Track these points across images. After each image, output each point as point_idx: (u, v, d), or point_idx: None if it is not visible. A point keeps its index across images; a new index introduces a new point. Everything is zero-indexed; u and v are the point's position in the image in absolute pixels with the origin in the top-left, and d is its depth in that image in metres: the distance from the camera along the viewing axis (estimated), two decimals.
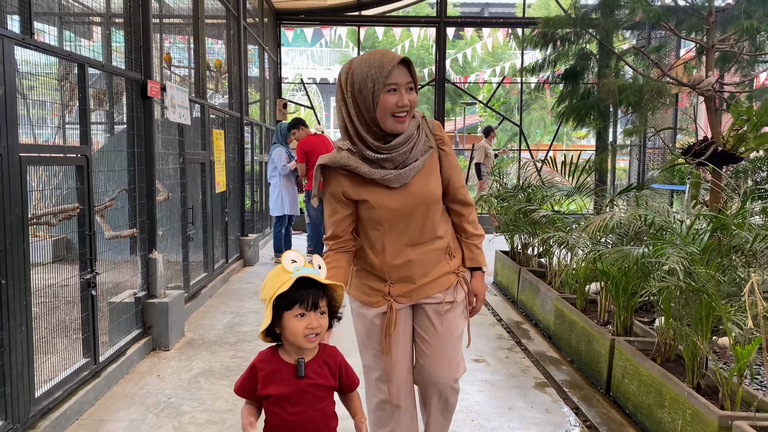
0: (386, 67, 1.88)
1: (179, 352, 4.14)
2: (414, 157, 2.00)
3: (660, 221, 3.28)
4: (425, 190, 2.03)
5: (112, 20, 5.58)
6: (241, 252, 7.37)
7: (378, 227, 2.04)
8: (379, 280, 2.12)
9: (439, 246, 2.13)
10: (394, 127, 1.94)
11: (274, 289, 1.63)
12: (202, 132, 5.69)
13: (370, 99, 1.91)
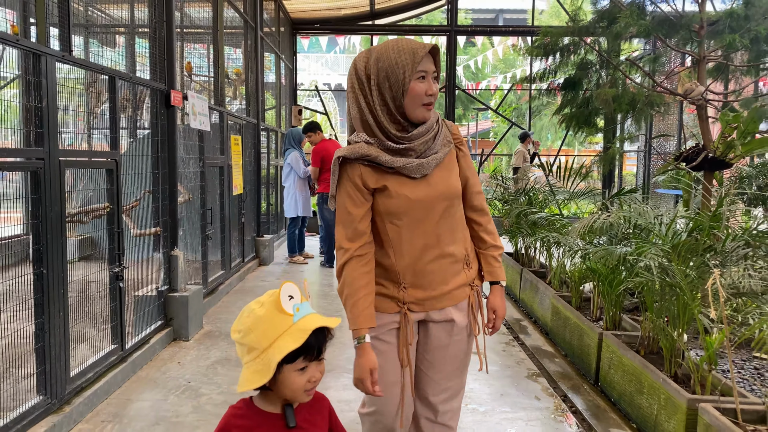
0: (419, 54, 1.81)
1: (198, 343, 4.45)
2: (435, 149, 1.91)
3: (642, 222, 3.53)
4: (446, 183, 1.92)
5: (136, 30, 5.95)
6: (256, 252, 7.70)
7: (396, 221, 1.88)
8: (391, 283, 1.94)
9: (458, 252, 1.97)
10: (423, 115, 1.86)
11: (269, 337, 1.32)
12: (221, 137, 6.03)
13: (399, 86, 1.82)
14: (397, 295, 1.93)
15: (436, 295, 1.94)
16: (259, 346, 1.31)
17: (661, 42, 4.86)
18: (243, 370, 1.33)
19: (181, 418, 3.17)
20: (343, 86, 20.05)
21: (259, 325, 1.33)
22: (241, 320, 1.37)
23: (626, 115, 5.38)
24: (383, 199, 1.88)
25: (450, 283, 1.95)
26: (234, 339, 1.38)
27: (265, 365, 1.30)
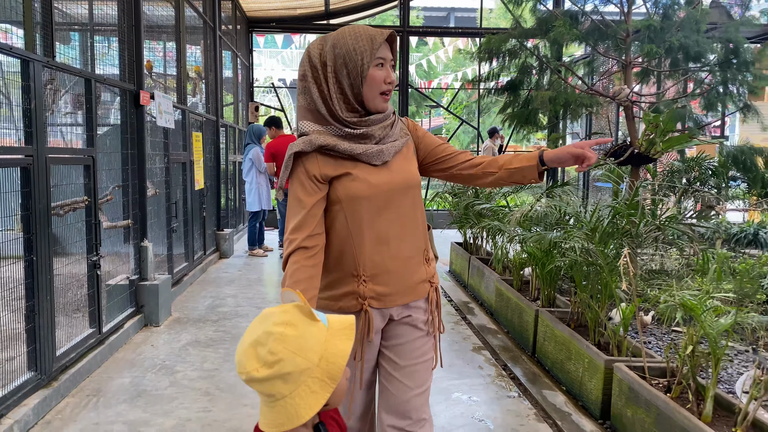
0: (377, 40, 1.76)
1: (168, 328, 4.74)
2: (393, 136, 1.87)
3: (570, 211, 4.02)
4: (406, 170, 1.88)
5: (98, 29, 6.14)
6: (217, 245, 7.96)
7: (357, 207, 1.79)
8: (349, 277, 1.83)
9: (418, 246, 1.91)
10: (381, 105, 1.82)
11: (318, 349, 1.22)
12: (183, 135, 6.28)
13: (357, 73, 1.75)
14: (357, 290, 1.82)
15: (398, 290, 1.86)
16: (309, 365, 1.19)
17: (591, 48, 5.37)
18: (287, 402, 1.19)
19: (160, 392, 3.49)
20: None
21: (303, 345, 1.20)
22: (274, 353, 1.18)
23: (564, 115, 5.90)
24: (345, 183, 1.79)
25: (411, 278, 1.88)
26: (262, 377, 1.18)
27: (324, 380, 1.19)
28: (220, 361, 3.99)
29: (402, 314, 1.90)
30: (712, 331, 2.62)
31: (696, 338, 2.73)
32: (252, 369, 1.18)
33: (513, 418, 3.22)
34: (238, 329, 4.72)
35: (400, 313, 1.89)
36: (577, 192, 10.19)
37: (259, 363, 1.18)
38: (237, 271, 7.16)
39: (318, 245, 1.78)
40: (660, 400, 2.73)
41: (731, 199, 9.61)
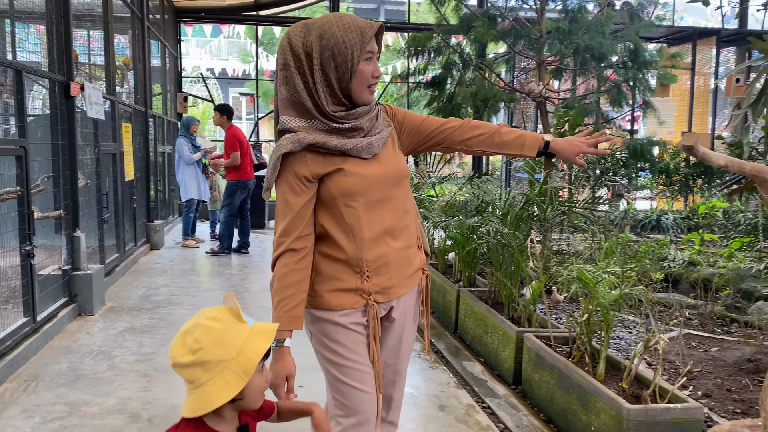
0: (368, 33, 1.70)
1: (103, 316, 4.80)
2: (379, 127, 1.83)
3: (487, 199, 4.37)
4: (395, 161, 1.85)
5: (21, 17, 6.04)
6: (147, 236, 7.95)
7: (352, 203, 1.76)
8: (352, 274, 1.79)
9: (413, 235, 1.91)
10: (369, 98, 1.77)
11: (236, 346, 1.30)
12: (113, 126, 6.28)
13: (347, 67, 1.69)
14: (361, 286, 1.79)
15: (399, 281, 1.84)
16: (228, 357, 1.28)
17: (509, 47, 5.76)
18: (203, 389, 1.27)
19: (99, 375, 3.60)
20: (227, 73, 20.04)
21: (224, 338, 1.29)
22: (198, 341, 1.28)
23: (485, 110, 6.28)
24: (337, 180, 1.75)
25: (410, 267, 1.88)
26: (185, 362, 1.28)
27: (238, 372, 1.28)
28: (156, 345, 4.13)
29: (399, 306, 1.88)
30: (604, 301, 3.01)
31: (591, 308, 3.12)
32: (178, 355, 1.29)
33: (435, 386, 3.54)
34: (173, 316, 4.85)
35: (398, 304, 1.87)
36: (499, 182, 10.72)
37: (185, 350, 1.29)
38: (169, 262, 7.20)
39: (307, 247, 1.76)
40: (561, 363, 3.10)
41: (640, 188, 10.38)
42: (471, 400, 3.39)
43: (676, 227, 7.92)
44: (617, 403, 2.58)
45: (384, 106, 1.95)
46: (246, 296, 5.58)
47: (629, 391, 2.79)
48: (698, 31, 11.39)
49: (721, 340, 4.51)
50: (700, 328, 4.83)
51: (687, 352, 4.27)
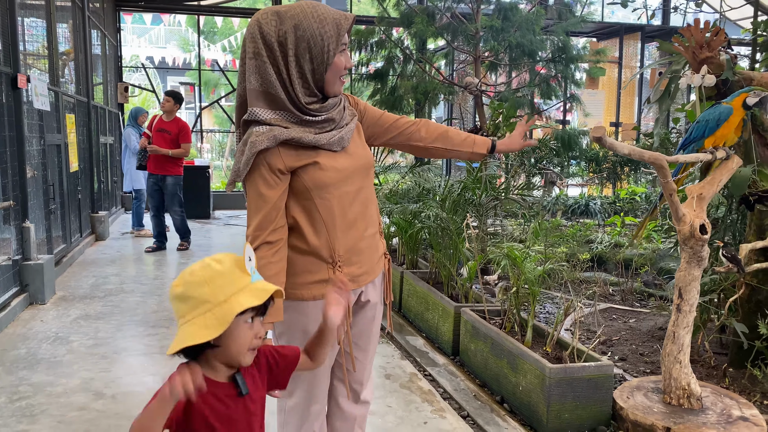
0: (343, 26, 1.72)
1: (55, 305, 4.89)
2: (346, 119, 1.86)
3: (428, 186, 4.69)
4: (363, 152, 1.89)
5: None
6: (93, 228, 7.94)
7: (326, 195, 1.78)
8: (323, 265, 1.83)
9: (376, 221, 1.96)
10: (339, 90, 1.81)
11: (226, 292, 1.26)
12: (57, 117, 6.28)
13: (322, 59, 1.70)
14: (333, 277, 1.81)
15: (369, 268, 1.92)
16: (213, 300, 1.25)
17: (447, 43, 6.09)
18: (184, 327, 1.26)
19: (59, 358, 3.74)
20: (167, 61, 19.72)
21: (216, 279, 1.27)
22: (192, 274, 1.28)
23: (425, 102, 6.60)
24: (311, 173, 1.76)
25: (377, 253, 1.96)
26: (176, 293, 1.28)
27: (219, 319, 1.24)
28: (113, 330, 4.27)
29: (369, 291, 1.95)
30: (530, 276, 3.37)
31: (519, 282, 3.48)
32: (174, 284, 1.30)
33: (381, 359, 3.84)
34: (126, 303, 4.98)
35: (368, 289, 1.94)
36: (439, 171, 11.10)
37: (180, 280, 1.29)
38: (116, 252, 7.24)
39: (282, 239, 1.76)
40: (494, 332, 3.45)
41: (571, 176, 10.97)
42: (414, 369, 3.71)
43: (603, 212, 8.48)
44: (541, 363, 2.94)
45: (346, 96, 1.96)
46: None
47: (552, 354, 3.16)
48: (625, 26, 12.07)
49: (639, 313, 4.99)
50: (621, 302, 5.31)
51: (608, 324, 4.72)
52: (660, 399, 3.00)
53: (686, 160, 2.78)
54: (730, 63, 3.54)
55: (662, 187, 2.74)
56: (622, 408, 2.94)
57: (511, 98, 5.77)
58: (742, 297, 3.62)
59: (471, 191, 4.57)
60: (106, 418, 2.98)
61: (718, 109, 2.94)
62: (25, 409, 3.04)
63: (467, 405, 3.19)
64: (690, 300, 2.91)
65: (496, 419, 3.05)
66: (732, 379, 3.53)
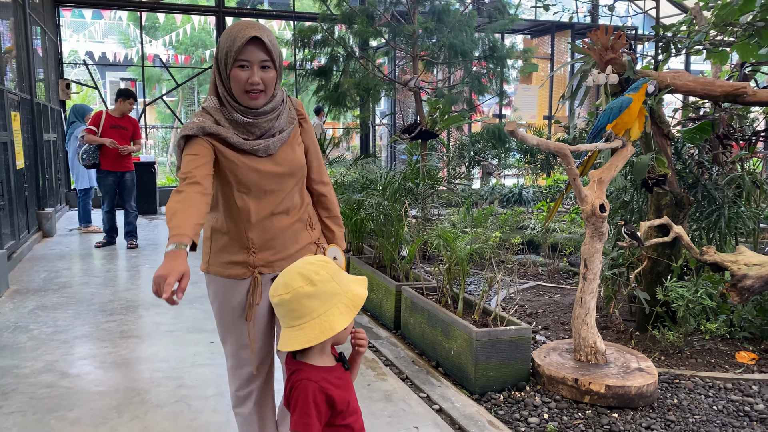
0: (237, 43, 1.85)
1: (10, 298, 5.03)
2: (279, 127, 2.00)
3: (371, 177, 5.06)
4: (291, 160, 2.02)
5: None
6: (39, 224, 7.97)
7: (244, 190, 1.97)
8: (240, 249, 2.02)
9: (301, 216, 2.10)
10: (248, 103, 1.91)
11: (345, 282, 1.49)
12: (2, 114, 6.34)
13: (224, 70, 1.90)
14: (247, 260, 2.01)
15: (285, 256, 2.05)
16: (341, 291, 1.45)
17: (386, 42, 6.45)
18: (321, 320, 1.43)
19: (21, 345, 3.93)
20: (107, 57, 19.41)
21: (337, 274, 1.47)
22: (316, 272, 1.45)
23: (367, 98, 6.96)
24: (231, 169, 1.95)
25: (296, 243, 2.08)
26: (305, 293, 1.44)
27: (349, 305, 1.46)
28: (71, 319, 4.47)
29: None
30: (460, 254, 3.78)
31: (451, 260, 3.88)
32: (298, 286, 1.44)
33: None
34: (81, 294, 5.15)
35: None
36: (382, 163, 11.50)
37: (304, 281, 1.44)
38: (65, 248, 7.33)
39: (209, 190, 1.85)
40: (430, 305, 3.85)
41: (508, 167, 11.53)
42: None
43: (536, 200, 9.04)
44: (469, 329, 3.36)
45: (296, 103, 2.12)
46: (145, 272, 5.94)
47: (480, 322, 3.58)
48: (556, 24, 12.71)
49: (563, 289, 5.50)
50: (548, 280, 5.82)
51: (535, 299, 5.21)
52: (572, 357, 3.46)
53: (586, 149, 3.24)
54: (631, 63, 4.04)
55: (566, 172, 3.18)
56: (539, 365, 3.38)
57: (447, 95, 6.18)
58: (645, 269, 4.14)
59: (411, 181, 4.96)
60: (74, 393, 3.23)
61: (620, 99, 3.41)
62: None
63: (406, 369, 3.59)
64: (594, 269, 3.38)
65: (432, 380, 3.45)
66: (637, 340, 4.04)
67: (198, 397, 3.19)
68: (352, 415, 1.53)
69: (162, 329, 4.27)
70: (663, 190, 4.06)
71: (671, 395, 3.27)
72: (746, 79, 4.96)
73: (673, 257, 4.05)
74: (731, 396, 3.27)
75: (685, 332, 3.85)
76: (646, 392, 3.13)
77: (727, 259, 3.81)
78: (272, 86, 1.94)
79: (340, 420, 1.50)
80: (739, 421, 3.01)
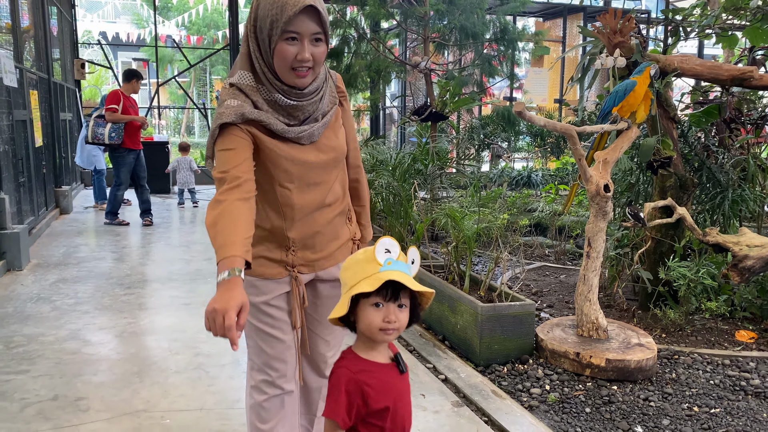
0: (287, 12, 1.57)
1: (32, 271, 5.20)
2: (322, 110, 1.77)
3: (381, 157, 5.16)
4: (335, 146, 1.80)
5: None
6: (57, 202, 8.15)
7: (287, 184, 1.75)
8: (278, 247, 1.82)
9: (342, 209, 1.90)
10: (293, 81, 1.65)
11: (357, 277, 1.40)
12: (23, 93, 6.48)
13: (267, 43, 1.63)
14: (285, 259, 1.82)
15: (326, 255, 1.88)
16: (348, 283, 1.41)
17: (398, 24, 6.52)
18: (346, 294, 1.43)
19: (45, 315, 4.10)
20: (120, 37, 19.52)
21: (353, 267, 1.42)
22: (347, 260, 1.47)
23: (378, 80, 7.03)
24: (273, 160, 1.72)
25: (338, 239, 1.91)
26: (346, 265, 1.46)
27: (344, 301, 1.41)
28: (92, 291, 4.64)
29: (328, 276, 1.91)
30: (467, 232, 3.89)
31: (459, 239, 4.00)
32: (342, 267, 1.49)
33: None
34: (99, 269, 5.32)
35: (327, 275, 1.91)
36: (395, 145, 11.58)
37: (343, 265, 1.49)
38: (81, 225, 7.51)
39: (252, 190, 1.65)
40: (437, 282, 3.97)
41: (518, 150, 11.58)
42: None
43: (545, 183, 9.11)
44: (474, 304, 3.48)
45: (335, 78, 1.88)
46: (160, 248, 6.10)
47: (485, 298, 3.70)
48: (568, 7, 12.66)
49: (569, 270, 5.61)
50: (554, 261, 5.92)
51: (541, 279, 5.32)
52: (574, 333, 3.58)
53: (591, 130, 3.32)
54: (639, 47, 4.10)
55: (573, 153, 3.27)
56: (543, 340, 3.50)
57: (457, 77, 6.25)
58: (649, 249, 4.24)
59: (420, 162, 5.06)
60: (97, 359, 3.39)
61: (625, 82, 3.48)
62: (23, 355, 3.42)
63: (413, 342, 3.72)
64: (597, 248, 3.48)
65: (438, 352, 3.58)
66: (639, 319, 4.15)
67: (214, 365, 3.34)
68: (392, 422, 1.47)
69: (178, 302, 4.43)
70: (668, 172, 4.14)
71: (670, 370, 3.38)
72: (755, 63, 5.00)
73: (677, 238, 4.14)
74: (728, 371, 3.38)
75: (686, 311, 3.95)
76: (645, 366, 3.24)
77: (729, 240, 3.89)
78: (321, 63, 1.70)
79: (376, 420, 1.45)
80: (735, 394, 3.12)
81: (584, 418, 2.88)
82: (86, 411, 2.80)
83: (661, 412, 2.92)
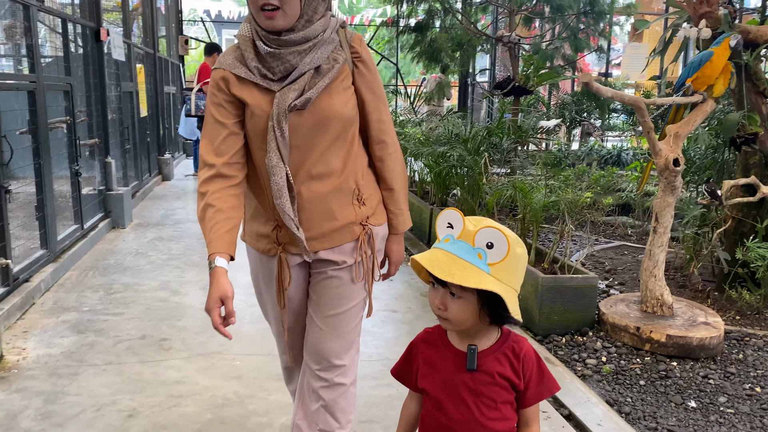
0: None
1: (133, 230, 5.71)
2: (312, 64, 1.57)
3: (457, 131, 5.23)
4: (326, 104, 1.60)
5: None
6: (159, 169, 8.80)
7: (263, 145, 1.59)
8: (266, 221, 1.70)
9: (338, 185, 1.67)
10: (264, 24, 1.53)
11: None
12: (129, 66, 7.03)
13: None
14: (271, 234, 1.69)
15: (315, 235, 1.67)
16: None
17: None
18: None
19: (141, 267, 4.53)
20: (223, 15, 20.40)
21: None
22: None
23: (462, 54, 7.05)
24: (247, 118, 1.61)
25: (335, 220, 1.68)
26: None
27: None
28: (183, 249, 5.05)
29: (327, 257, 1.72)
30: (535, 206, 3.91)
31: (526, 211, 4.03)
32: None
33: (406, 275, 4.48)
34: (192, 230, 5.75)
35: (326, 256, 1.71)
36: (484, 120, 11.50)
37: None
38: (180, 190, 8.08)
39: (239, 176, 1.61)
40: None
41: (611, 128, 11.21)
42: None
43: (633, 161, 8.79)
44: (536, 274, 3.52)
45: (350, 37, 1.69)
46: None
47: (548, 269, 3.73)
48: None
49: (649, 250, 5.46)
50: (635, 241, 5.78)
51: (617, 258, 5.22)
52: (638, 308, 3.55)
53: (662, 102, 3.25)
54: (728, 17, 3.92)
55: (641, 126, 3.22)
56: (604, 314, 3.50)
57: (541, 50, 6.17)
58: (729, 229, 4.08)
59: (496, 135, 5.08)
60: (182, 307, 3.73)
61: (701, 54, 3.37)
62: (120, 300, 3.83)
63: None
64: (664, 223, 3.42)
65: None
66: (714, 300, 4.02)
67: None
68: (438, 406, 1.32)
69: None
70: (752, 149, 3.95)
71: (737, 351, 3.29)
72: None
73: (759, 219, 3.97)
74: None
75: (764, 294, 3.79)
76: (709, 345, 3.18)
77: None
78: (292, 4, 1.52)
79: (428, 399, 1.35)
80: None
81: (637, 390, 2.89)
82: (168, 350, 3.13)
83: (720, 390, 2.88)
